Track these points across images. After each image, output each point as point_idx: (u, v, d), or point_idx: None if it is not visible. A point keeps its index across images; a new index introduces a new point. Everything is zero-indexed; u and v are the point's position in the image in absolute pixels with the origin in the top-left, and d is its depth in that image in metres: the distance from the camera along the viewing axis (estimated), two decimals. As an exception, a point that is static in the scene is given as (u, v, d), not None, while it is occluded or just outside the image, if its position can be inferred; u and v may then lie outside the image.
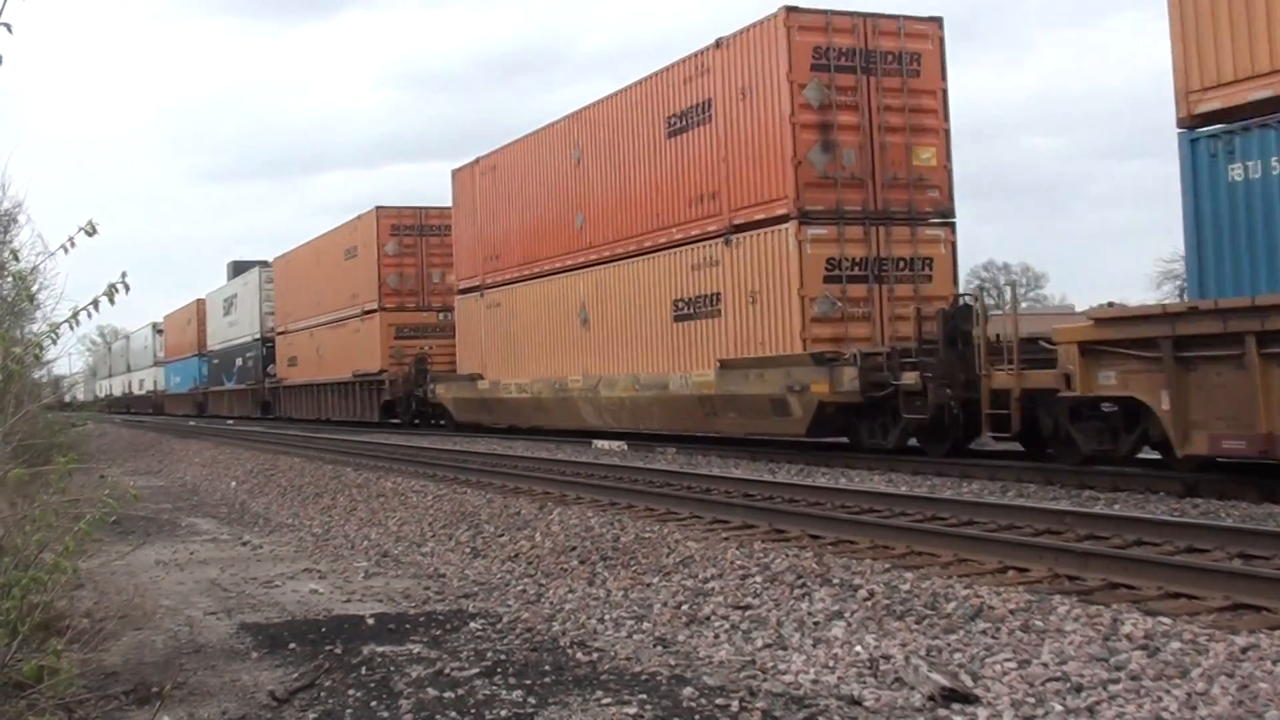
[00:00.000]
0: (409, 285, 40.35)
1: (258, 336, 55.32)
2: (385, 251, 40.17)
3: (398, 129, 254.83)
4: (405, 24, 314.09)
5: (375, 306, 40.29)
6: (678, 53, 22.43)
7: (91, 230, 6.07)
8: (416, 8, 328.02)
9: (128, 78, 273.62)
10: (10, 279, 8.48)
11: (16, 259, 7.93)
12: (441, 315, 38.97)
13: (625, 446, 23.82)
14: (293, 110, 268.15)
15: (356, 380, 41.81)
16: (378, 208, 40.73)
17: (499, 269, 31.66)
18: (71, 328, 6.17)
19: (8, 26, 5.33)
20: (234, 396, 60.68)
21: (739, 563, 9.46)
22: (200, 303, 69.65)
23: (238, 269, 68.50)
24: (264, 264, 56.47)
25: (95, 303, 6.06)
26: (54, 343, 6.68)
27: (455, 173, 34.44)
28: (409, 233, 40.63)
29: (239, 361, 59.08)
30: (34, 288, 8.11)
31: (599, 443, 24.90)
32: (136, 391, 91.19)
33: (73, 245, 6.13)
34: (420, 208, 41.18)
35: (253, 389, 56.58)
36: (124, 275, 6.06)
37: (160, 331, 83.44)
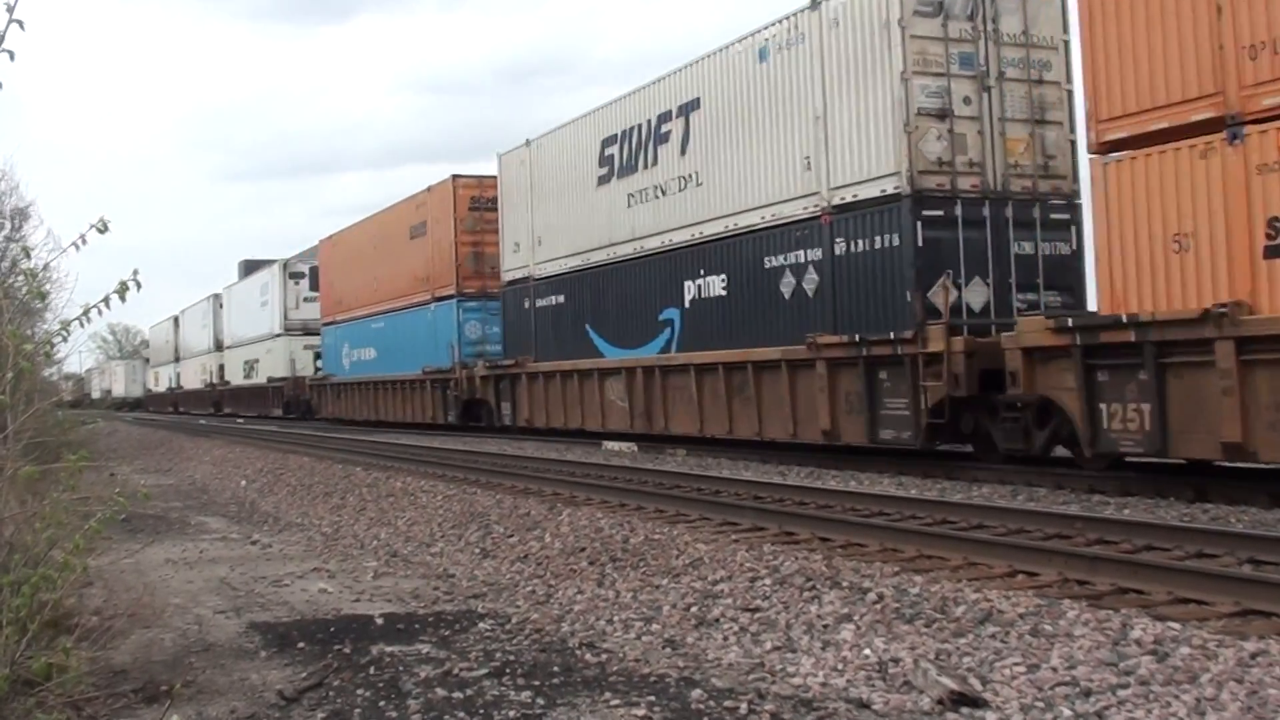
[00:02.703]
0: None
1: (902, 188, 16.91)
2: None
3: (413, 132, 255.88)
4: (421, 30, 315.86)
5: None
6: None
7: (103, 228, 6.08)
8: (432, 13, 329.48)
9: (148, 82, 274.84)
10: (22, 276, 8.49)
11: (28, 255, 7.96)
12: None
13: (635, 448, 23.82)
14: (309, 113, 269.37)
15: None
16: None
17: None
18: (82, 325, 6.17)
19: (10, 54, 5.36)
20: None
21: (748, 565, 9.45)
22: (470, 185, 33.15)
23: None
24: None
25: (106, 300, 6.07)
26: (65, 340, 6.69)
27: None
28: None
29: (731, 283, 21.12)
30: (45, 286, 8.11)
31: (609, 444, 24.91)
32: (237, 379, 58.51)
33: (84, 243, 6.13)
34: None
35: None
36: (135, 273, 6.06)
37: (298, 276, 51.02)
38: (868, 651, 6.88)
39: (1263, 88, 12.07)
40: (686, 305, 22.33)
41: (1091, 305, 15.43)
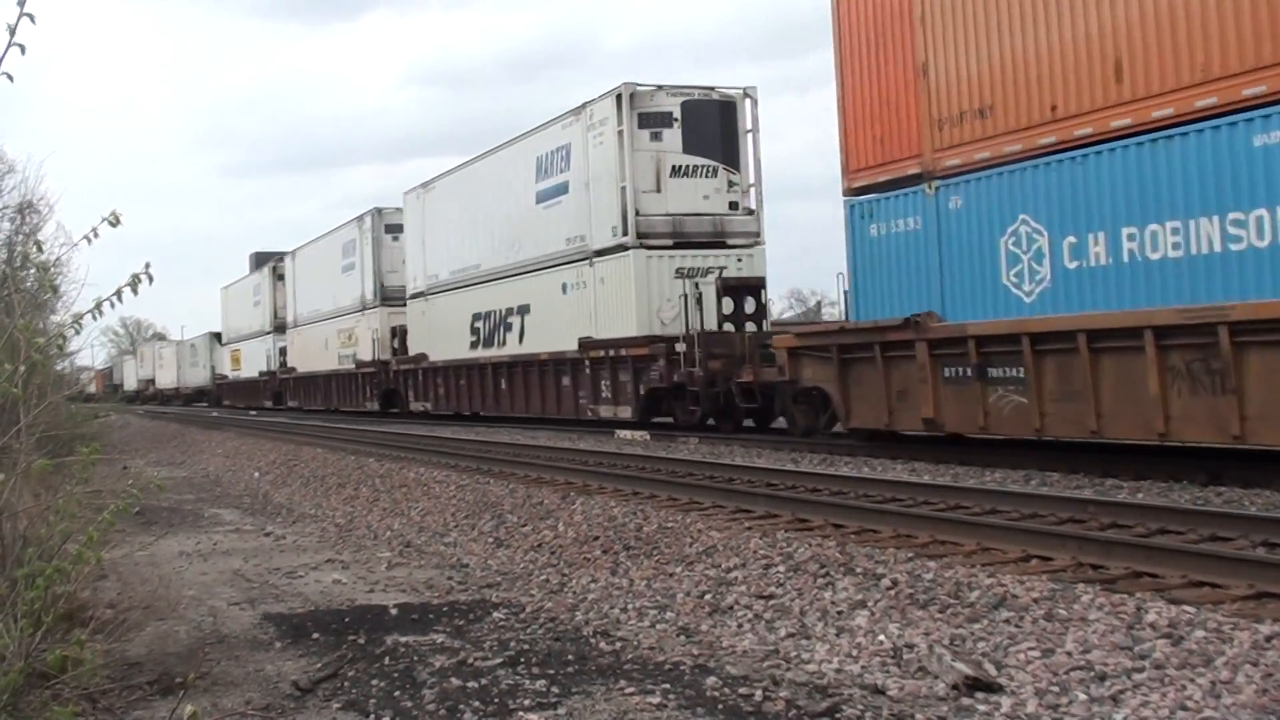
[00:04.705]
0: None
1: None
2: None
3: (422, 125, 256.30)
4: (430, 24, 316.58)
5: None
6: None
7: (115, 221, 6.08)
8: (440, 8, 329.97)
9: (157, 78, 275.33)
10: (34, 270, 8.52)
11: (40, 249, 7.98)
12: None
13: (648, 436, 23.85)
14: (319, 108, 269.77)
15: None
16: None
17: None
18: (95, 318, 6.19)
19: (21, 48, 5.36)
20: None
21: (762, 552, 9.45)
22: None
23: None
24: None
25: (119, 293, 6.08)
26: (77, 333, 6.71)
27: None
28: None
29: None
30: (57, 279, 8.15)
31: (621, 433, 24.94)
32: (453, 352, 34.00)
33: (96, 236, 6.14)
34: None
35: None
36: (147, 266, 6.07)
37: (659, 122, 24.79)
38: (882, 637, 6.88)
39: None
40: None
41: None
